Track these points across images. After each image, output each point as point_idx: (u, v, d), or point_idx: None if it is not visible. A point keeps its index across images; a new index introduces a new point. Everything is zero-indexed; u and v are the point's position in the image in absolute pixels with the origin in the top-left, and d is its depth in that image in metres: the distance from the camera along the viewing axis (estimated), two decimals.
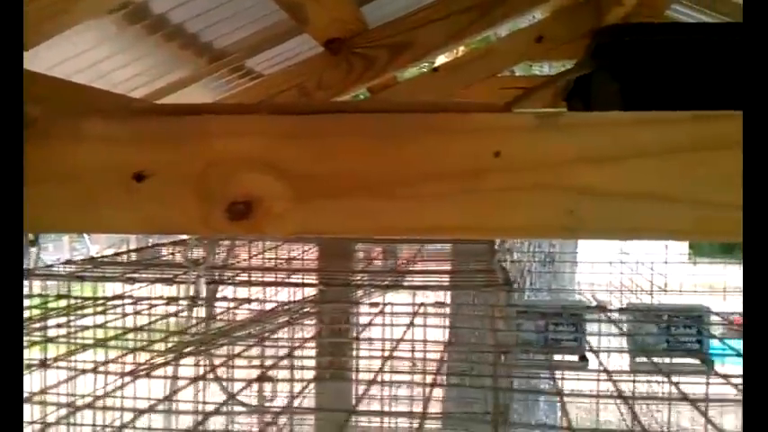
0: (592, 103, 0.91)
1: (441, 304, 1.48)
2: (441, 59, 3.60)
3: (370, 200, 0.60)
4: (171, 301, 1.51)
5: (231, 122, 0.62)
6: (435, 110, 0.61)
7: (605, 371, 1.29)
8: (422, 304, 1.41)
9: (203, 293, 1.53)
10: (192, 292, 1.55)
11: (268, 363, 1.33)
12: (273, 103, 0.65)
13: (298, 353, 1.34)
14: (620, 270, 3.23)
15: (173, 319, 1.51)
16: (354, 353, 1.48)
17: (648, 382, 2.60)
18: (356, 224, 0.60)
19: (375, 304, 1.52)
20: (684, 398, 1.19)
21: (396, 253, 2.35)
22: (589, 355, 2.33)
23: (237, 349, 1.39)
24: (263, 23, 1.65)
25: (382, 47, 1.69)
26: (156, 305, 1.44)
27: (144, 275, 1.62)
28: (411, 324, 1.30)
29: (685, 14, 2.79)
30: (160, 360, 1.23)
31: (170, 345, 1.34)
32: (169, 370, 1.25)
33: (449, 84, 2.71)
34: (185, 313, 1.57)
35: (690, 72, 0.76)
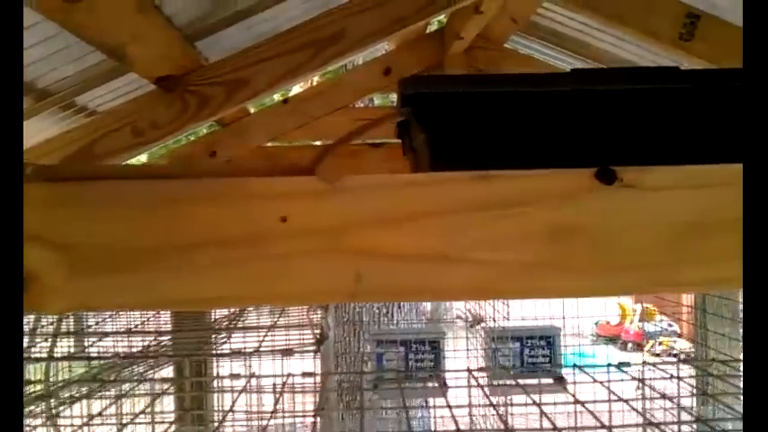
0: (413, 146, 0.91)
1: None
2: (295, 89, 3.60)
3: (147, 272, 0.56)
4: None
5: None
6: (219, 175, 0.58)
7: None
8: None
9: None
10: None
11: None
12: (44, 168, 0.60)
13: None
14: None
15: None
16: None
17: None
18: (134, 298, 0.57)
19: (236, 375, 1.48)
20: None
21: None
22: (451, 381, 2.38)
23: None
24: (91, 60, 1.57)
25: (218, 84, 1.65)
26: None
27: None
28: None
29: (526, 47, 2.92)
30: None
31: None
32: None
33: (299, 115, 2.70)
34: None
35: (492, 126, 0.78)
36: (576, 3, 1.70)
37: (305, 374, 1.31)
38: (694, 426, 2.04)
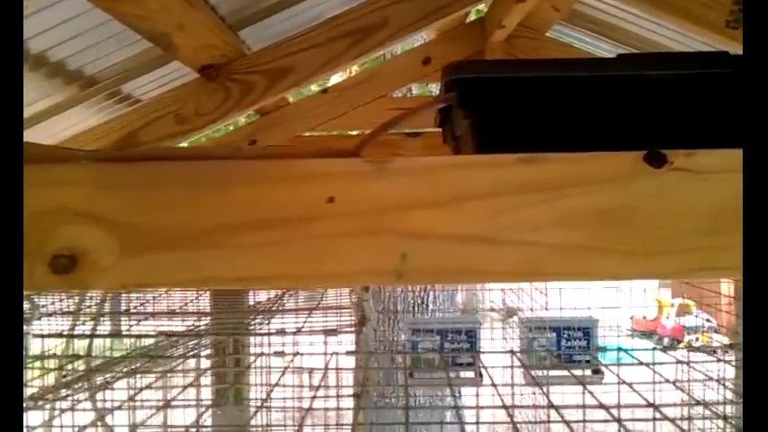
0: (455, 134, 0.91)
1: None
2: (334, 79, 3.61)
3: (197, 251, 0.57)
4: None
5: (50, 171, 0.59)
6: (265, 156, 0.59)
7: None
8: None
9: None
10: None
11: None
12: (95, 151, 0.62)
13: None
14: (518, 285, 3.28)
15: None
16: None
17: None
18: (183, 276, 0.58)
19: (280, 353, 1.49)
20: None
21: None
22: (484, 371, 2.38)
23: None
24: (136, 49, 1.60)
25: (260, 72, 1.67)
26: None
27: None
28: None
29: (568, 35, 2.89)
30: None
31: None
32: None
33: (338, 105, 2.72)
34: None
35: (537, 110, 0.78)
36: None
37: (349, 353, 1.32)
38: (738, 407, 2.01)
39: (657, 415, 1.25)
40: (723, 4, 1.62)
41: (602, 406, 1.21)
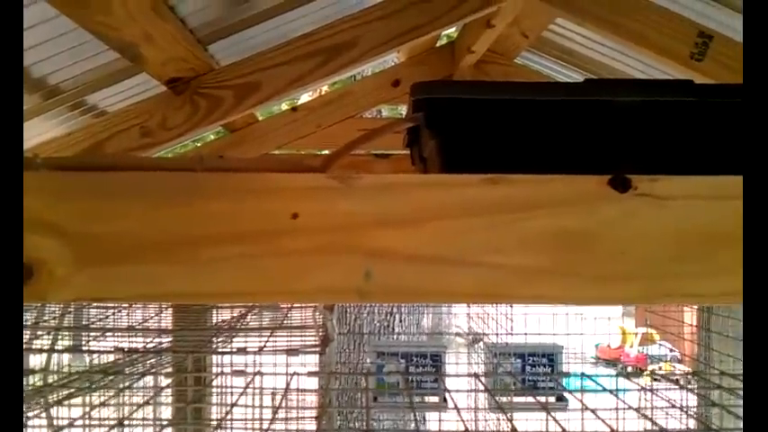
0: (423, 155, 0.91)
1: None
2: (304, 98, 3.61)
3: (155, 264, 0.56)
4: None
5: None
6: (228, 169, 0.58)
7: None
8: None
9: None
10: None
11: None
12: (52, 158, 0.60)
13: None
14: (483, 310, 3.28)
15: None
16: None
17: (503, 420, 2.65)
18: (141, 290, 0.56)
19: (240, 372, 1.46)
20: None
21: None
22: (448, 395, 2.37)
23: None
24: (102, 59, 1.58)
25: (229, 88, 1.66)
26: None
27: None
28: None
29: (535, 62, 2.93)
30: None
31: None
32: None
33: (307, 123, 2.71)
34: None
35: (504, 132, 0.78)
36: (588, 19, 1.70)
37: (311, 374, 1.30)
38: None
39: None
40: (689, 36, 1.65)
41: None
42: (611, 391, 1.55)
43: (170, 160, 0.66)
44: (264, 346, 1.38)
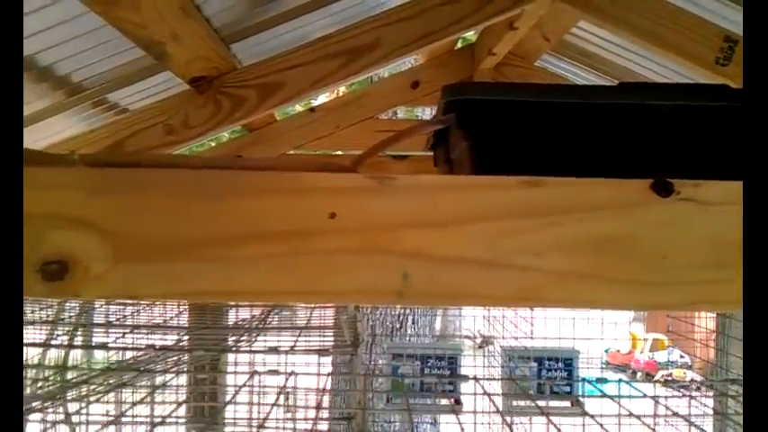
0: (451, 156, 0.90)
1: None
2: (321, 99, 3.61)
3: (190, 262, 0.56)
4: None
5: (42, 174, 0.57)
6: (265, 168, 0.58)
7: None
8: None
9: None
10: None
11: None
12: (89, 155, 0.60)
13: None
14: (502, 314, 3.26)
15: None
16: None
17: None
18: (175, 288, 0.56)
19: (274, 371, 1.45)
20: None
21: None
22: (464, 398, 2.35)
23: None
24: (126, 58, 1.58)
25: (252, 87, 1.66)
26: None
27: None
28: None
29: (555, 65, 2.91)
30: None
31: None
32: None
33: (325, 124, 2.71)
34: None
35: (536, 134, 0.77)
36: (612, 22, 1.69)
37: (342, 373, 1.30)
38: None
39: None
40: (713, 41, 1.64)
41: None
42: (615, 399, 1.54)
43: (206, 159, 0.66)
44: (295, 346, 1.38)
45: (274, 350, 1.38)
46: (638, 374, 9.73)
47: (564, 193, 0.58)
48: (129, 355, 1.42)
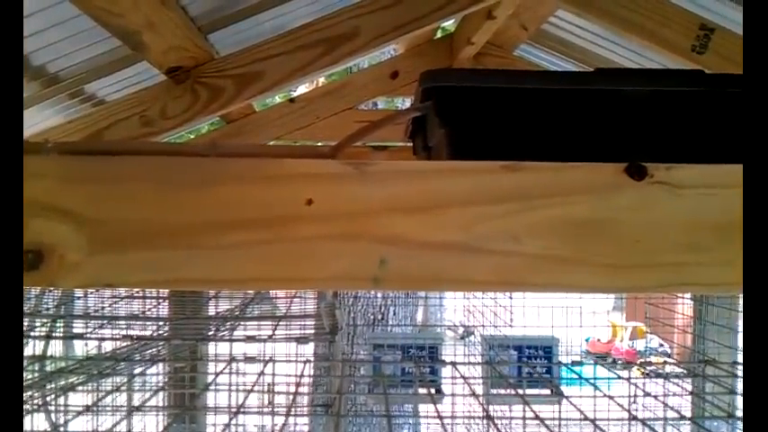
0: (429, 144, 0.91)
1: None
2: (301, 90, 3.59)
3: (167, 250, 0.55)
4: None
5: None
6: (241, 155, 0.57)
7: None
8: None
9: None
10: None
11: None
12: (64, 143, 0.60)
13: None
14: (482, 303, 3.27)
15: None
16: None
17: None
18: (153, 276, 0.56)
19: (251, 358, 1.45)
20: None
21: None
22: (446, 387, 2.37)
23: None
24: (102, 48, 1.57)
25: (229, 77, 1.65)
26: None
27: None
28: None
29: (533, 54, 2.92)
30: None
31: None
32: None
33: (304, 115, 2.70)
34: None
35: (514, 121, 0.77)
36: (590, 11, 1.70)
37: (320, 360, 1.30)
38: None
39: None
40: (690, 29, 1.65)
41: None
42: (587, 380, 1.55)
43: (182, 146, 0.65)
44: (274, 334, 1.38)
45: (252, 338, 1.37)
46: (618, 363, 9.81)
47: (540, 177, 0.59)
48: (107, 346, 1.41)
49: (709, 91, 0.74)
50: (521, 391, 2.08)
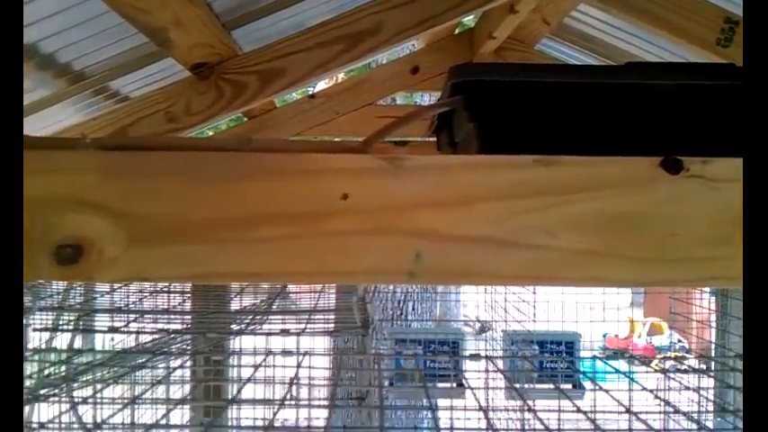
0: (455, 139, 0.91)
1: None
2: (320, 86, 3.60)
3: (204, 244, 0.56)
4: None
5: (55, 158, 0.57)
6: (276, 150, 0.58)
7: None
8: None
9: None
10: None
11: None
12: (101, 138, 0.60)
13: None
14: (504, 298, 3.26)
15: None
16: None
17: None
18: (189, 270, 0.56)
19: (289, 352, 1.46)
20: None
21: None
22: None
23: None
24: (127, 45, 1.58)
25: (253, 73, 1.66)
26: None
27: None
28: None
29: (554, 49, 2.91)
30: None
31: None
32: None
33: (324, 111, 2.71)
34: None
35: (544, 115, 0.77)
36: (614, 5, 1.69)
37: (357, 353, 1.31)
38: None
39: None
40: (715, 22, 1.64)
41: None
42: (624, 374, 1.54)
43: (217, 141, 0.66)
44: (306, 328, 1.39)
45: (286, 332, 1.38)
46: (636, 359, 9.76)
47: (575, 171, 0.59)
48: (136, 341, 1.43)
49: (741, 84, 0.74)
50: (551, 386, 2.08)
